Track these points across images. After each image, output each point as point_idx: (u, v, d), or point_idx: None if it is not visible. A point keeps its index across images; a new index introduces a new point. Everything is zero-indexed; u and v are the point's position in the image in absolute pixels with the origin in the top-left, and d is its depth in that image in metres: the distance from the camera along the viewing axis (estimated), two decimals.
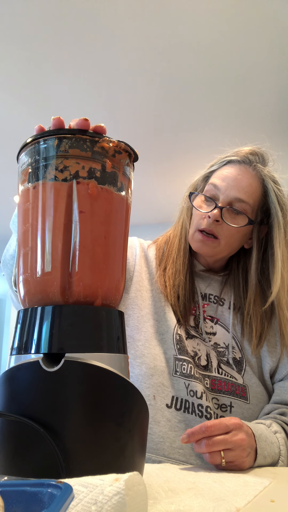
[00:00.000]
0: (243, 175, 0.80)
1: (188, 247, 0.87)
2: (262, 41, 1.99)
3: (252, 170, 0.81)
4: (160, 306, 0.85)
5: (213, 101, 2.49)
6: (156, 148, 3.08)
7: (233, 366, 0.81)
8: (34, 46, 2.05)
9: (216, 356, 0.81)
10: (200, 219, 0.83)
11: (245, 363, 0.81)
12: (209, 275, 0.90)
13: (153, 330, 0.82)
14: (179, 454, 0.74)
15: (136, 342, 0.81)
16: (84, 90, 2.41)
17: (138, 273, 0.89)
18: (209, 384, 0.79)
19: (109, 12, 1.84)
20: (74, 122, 0.48)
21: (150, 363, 0.79)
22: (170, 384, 0.78)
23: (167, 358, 0.80)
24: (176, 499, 0.42)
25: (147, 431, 0.48)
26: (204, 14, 1.85)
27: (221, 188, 0.80)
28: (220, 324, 0.85)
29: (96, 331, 0.44)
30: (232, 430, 0.62)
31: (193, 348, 0.82)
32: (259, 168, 0.81)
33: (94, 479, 0.31)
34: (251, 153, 0.83)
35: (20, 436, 0.40)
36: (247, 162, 0.81)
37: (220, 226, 0.80)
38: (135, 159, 0.51)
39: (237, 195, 0.79)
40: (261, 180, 0.81)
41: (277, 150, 0.87)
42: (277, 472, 0.62)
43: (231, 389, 0.78)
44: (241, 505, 0.42)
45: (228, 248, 0.84)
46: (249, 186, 0.80)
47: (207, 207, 0.82)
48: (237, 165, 0.82)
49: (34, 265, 0.46)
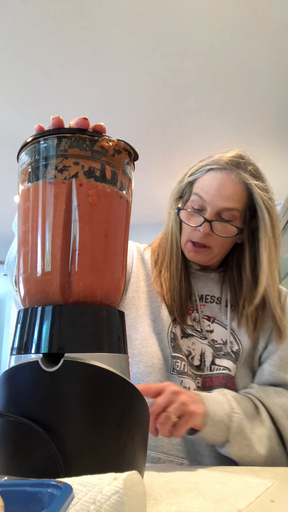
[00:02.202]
0: (227, 183, 0.79)
1: (180, 252, 0.88)
2: (262, 42, 1.99)
3: (234, 176, 0.80)
4: (156, 306, 0.86)
5: (213, 101, 2.49)
6: (156, 148, 3.08)
7: (230, 355, 0.82)
8: (34, 46, 2.05)
9: (212, 352, 0.82)
10: (191, 231, 0.83)
11: (242, 354, 0.82)
12: (205, 274, 0.91)
13: (150, 329, 0.84)
14: (178, 451, 0.75)
15: (134, 341, 0.83)
16: (84, 90, 2.41)
17: (136, 274, 0.90)
18: (201, 383, 0.80)
19: (109, 12, 1.84)
20: (73, 121, 0.48)
21: (148, 361, 0.80)
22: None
23: (164, 357, 0.81)
24: (177, 500, 0.42)
25: (148, 431, 0.48)
26: (204, 14, 1.85)
27: (207, 199, 0.80)
28: (217, 322, 0.86)
29: (96, 331, 0.44)
30: (163, 389, 0.65)
31: (187, 347, 0.83)
32: (241, 175, 0.80)
33: (93, 478, 0.30)
34: (232, 158, 0.81)
35: (20, 436, 0.40)
36: (229, 169, 0.80)
37: (211, 237, 0.81)
38: (135, 158, 0.50)
39: (224, 204, 0.79)
40: (244, 184, 0.80)
41: (277, 151, 0.87)
42: (277, 472, 0.62)
43: (222, 382, 0.79)
44: (242, 506, 0.42)
45: (221, 253, 0.86)
46: (234, 193, 0.79)
47: (196, 219, 0.82)
48: (218, 173, 0.81)
49: (34, 264, 0.46)
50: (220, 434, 0.68)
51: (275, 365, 0.81)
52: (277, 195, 0.86)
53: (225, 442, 0.68)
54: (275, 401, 0.75)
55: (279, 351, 0.82)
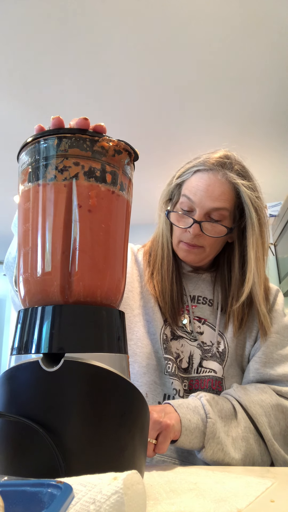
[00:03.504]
0: (214, 184, 0.80)
1: (171, 254, 0.89)
2: (262, 42, 1.99)
3: (221, 176, 0.80)
4: (150, 307, 0.87)
5: (212, 102, 2.49)
6: (155, 148, 3.08)
7: (216, 357, 0.82)
8: (34, 46, 2.06)
9: (201, 354, 0.83)
10: (181, 232, 0.84)
11: (228, 354, 0.83)
12: (197, 275, 0.91)
13: (144, 330, 0.84)
14: (170, 451, 0.76)
15: (129, 341, 0.83)
16: (84, 90, 2.41)
17: (130, 275, 0.91)
18: (187, 386, 0.80)
19: (109, 12, 1.84)
20: (74, 121, 0.48)
21: (143, 361, 0.81)
22: (161, 382, 0.80)
23: (158, 357, 0.82)
24: (177, 500, 0.42)
25: (148, 431, 0.48)
26: (204, 15, 1.85)
27: (195, 200, 0.80)
28: (208, 324, 0.86)
29: (96, 331, 0.44)
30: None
31: (176, 349, 0.83)
32: (227, 175, 0.80)
33: (93, 478, 0.30)
34: (218, 159, 0.82)
35: (20, 436, 0.40)
36: (215, 169, 0.81)
37: (201, 237, 0.82)
38: (136, 158, 0.50)
39: (212, 205, 0.79)
40: (232, 184, 0.80)
41: (277, 151, 0.87)
42: (277, 472, 0.62)
43: (208, 385, 0.79)
44: (242, 506, 0.42)
45: (213, 252, 0.86)
46: (222, 193, 0.79)
47: (185, 221, 0.83)
48: (205, 174, 0.81)
49: (34, 264, 0.46)
50: (196, 441, 0.67)
51: (259, 362, 0.81)
52: (277, 195, 0.86)
53: (202, 448, 0.68)
54: (254, 399, 0.74)
55: (263, 347, 0.82)
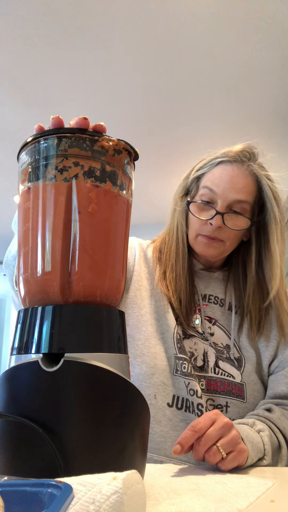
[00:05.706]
0: (238, 175, 0.79)
1: (186, 250, 0.87)
2: (262, 42, 1.99)
3: (245, 169, 0.79)
4: (160, 305, 0.84)
5: (213, 102, 2.49)
6: (155, 148, 3.08)
7: (232, 361, 0.80)
8: (34, 45, 2.05)
9: (215, 353, 0.81)
10: (201, 225, 0.82)
11: (244, 360, 0.81)
12: (208, 273, 0.90)
13: (153, 329, 0.82)
14: (171, 451, 0.74)
15: (136, 341, 0.81)
16: (84, 90, 2.41)
17: (138, 272, 0.89)
18: (205, 385, 0.78)
19: (109, 11, 1.84)
20: (73, 121, 0.48)
21: (151, 362, 0.79)
22: (171, 383, 0.77)
23: (168, 357, 0.79)
24: (178, 500, 0.42)
25: (148, 432, 0.48)
26: (204, 14, 1.85)
27: (218, 192, 0.79)
28: (218, 325, 0.85)
29: (96, 331, 0.44)
30: (215, 420, 0.61)
31: (189, 348, 0.82)
32: (252, 166, 0.80)
33: (92, 477, 0.30)
34: (242, 151, 0.81)
35: (20, 436, 0.40)
36: (239, 161, 0.80)
37: (222, 230, 0.80)
38: (136, 158, 0.50)
39: (236, 197, 0.78)
40: (255, 177, 0.80)
41: (277, 150, 0.87)
42: (278, 472, 0.62)
43: (227, 388, 0.78)
44: (243, 506, 0.41)
45: (231, 247, 0.85)
46: (245, 185, 0.79)
47: (206, 213, 0.81)
48: (229, 166, 0.80)
49: (34, 264, 0.46)
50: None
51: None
52: None
53: None
54: None
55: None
